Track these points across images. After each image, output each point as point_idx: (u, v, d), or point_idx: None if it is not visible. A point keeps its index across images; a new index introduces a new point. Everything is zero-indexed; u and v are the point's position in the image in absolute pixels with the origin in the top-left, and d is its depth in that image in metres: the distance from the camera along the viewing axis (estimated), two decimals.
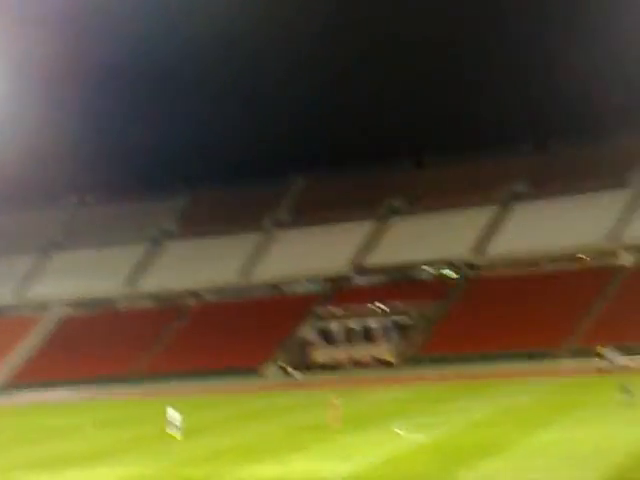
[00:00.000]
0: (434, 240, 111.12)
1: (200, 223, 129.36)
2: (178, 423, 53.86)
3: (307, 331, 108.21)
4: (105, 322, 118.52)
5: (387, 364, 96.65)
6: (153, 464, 45.31)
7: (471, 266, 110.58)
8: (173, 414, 54.24)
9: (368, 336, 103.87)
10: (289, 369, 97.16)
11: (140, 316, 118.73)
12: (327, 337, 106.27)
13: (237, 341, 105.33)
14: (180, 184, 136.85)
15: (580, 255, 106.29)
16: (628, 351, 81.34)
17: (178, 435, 53.38)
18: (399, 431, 50.13)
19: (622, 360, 78.96)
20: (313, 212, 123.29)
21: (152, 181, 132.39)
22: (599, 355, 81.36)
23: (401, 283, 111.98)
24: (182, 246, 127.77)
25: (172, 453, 48.54)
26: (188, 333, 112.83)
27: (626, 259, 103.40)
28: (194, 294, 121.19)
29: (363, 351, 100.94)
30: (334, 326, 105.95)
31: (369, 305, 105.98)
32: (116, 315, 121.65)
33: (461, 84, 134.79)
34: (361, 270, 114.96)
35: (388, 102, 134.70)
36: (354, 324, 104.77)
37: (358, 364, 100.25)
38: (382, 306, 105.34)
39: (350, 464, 40.69)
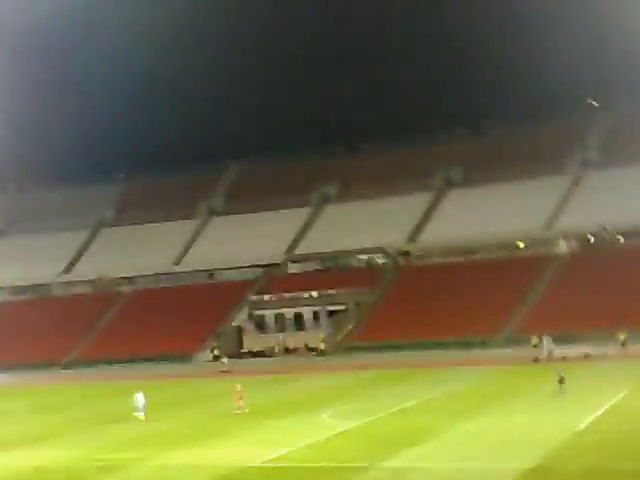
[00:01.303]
0: (368, 227, 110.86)
1: (136, 210, 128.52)
2: (141, 405, 54.18)
3: (240, 318, 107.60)
4: (40, 308, 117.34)
5: (319, 352, 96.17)
6: (80, 449, 44.94)
7: (405, 253, 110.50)
8: (139, 397, 54.48)
9: (300, 324, 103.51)
10: (220, 356, 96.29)
11: (76, 302, 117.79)
12: (259, 324, 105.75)
13: (170, 327, 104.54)
14: (117, 171, 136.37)
15: (516, 242, 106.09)
16: (563, 340, 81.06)
17: (141, 416, 53.64)
18: (327, 418, 49.77)
19: (556, 349, 78.71)
20: (247, 199, 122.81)
21: (88, 168, 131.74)
22: (533, 344, 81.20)
23: (334, 271, 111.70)
24: (118, 233, 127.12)
25: (98, 438, 48.31)
26: (122, 319, 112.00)
27: (563, 247, 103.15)
28: (129, 280, 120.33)
29: (295, 339, 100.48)
30: (266, 313, 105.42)
31: (302, 293, 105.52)
32: (51, 301, 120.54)
33: (393, 70, 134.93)
34: (294, 257, 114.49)
35: (321, 88, 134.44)
36: (287, 312, 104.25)
37: (290, 351, 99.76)
38: (315, 294, 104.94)
39: (275, 450, 40.35)
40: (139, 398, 54.68)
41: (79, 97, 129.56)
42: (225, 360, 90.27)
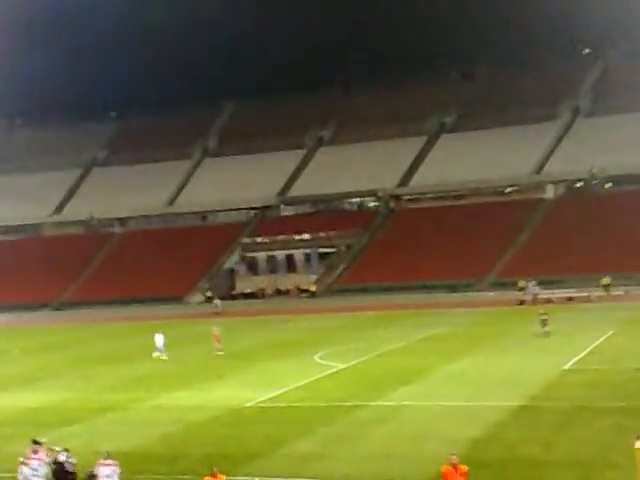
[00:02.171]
0: (361, 170, 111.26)
1: (129, 150, 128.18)
2: (161, 345, 55.08)
3: (232, 260, 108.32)
4: (31, 249, 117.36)
5: (310, 293, 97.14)
6: (75, 389, 45.65)
7: (396, 197, 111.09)
8: (158, 338, 55.39)
9: (292, 266, 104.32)
10: (212, 297, 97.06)
11: (67, 243, 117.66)
12: (252, 266, 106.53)
13: (162, 269, 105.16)
14: (109, 110, 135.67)
15: (505, 187, 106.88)
16: (548, 283, 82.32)
17: (163, 356, 54.57)
18: (319, 359, 50.72)
19: (541, 292, 79.98)
20: (241, 140, 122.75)
21: (81, 106, 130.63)
22: (520, 287, 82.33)
23: (327, 213, 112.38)
24: (110, 173, 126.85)
25: (93, 380, 48.93)
26: (114, 260, 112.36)
27: (551, 192, 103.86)
28: (121, 221, 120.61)
29: (287, 280, 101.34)
30: (259, 255, 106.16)
31: (294, 235, 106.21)
32: (42, 242, 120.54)
33: (390, 14, 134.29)
34: (287, 200, 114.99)
35: (317, 29, 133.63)
36: (278, 254, 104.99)
37: (282, 293, 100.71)
38: (307, 236, 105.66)
39: (269, 391, 41.24)
40: (159, 339, 55.41)
41: (72, 34, 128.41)
42: (217, 302, 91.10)
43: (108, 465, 25.09)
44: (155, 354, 55.09)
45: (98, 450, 26.33)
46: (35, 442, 26.85)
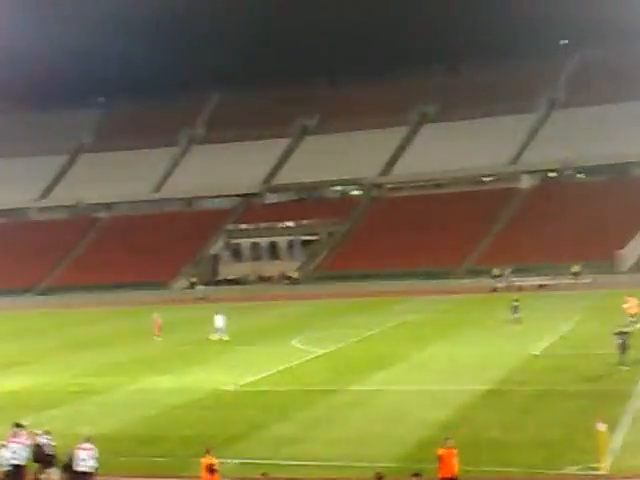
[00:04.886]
0: (343, 159, 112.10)
1: (117, 136, 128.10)
2: (222, 326, 55.31)
3: (216, 246, 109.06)
4: (16, 233, 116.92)
5: (292, 280, 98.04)
6: (57, 373, 46.23)
7: (378, 186, 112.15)
8: (219, 319, 55.57)
9: (275, 252, 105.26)
10: (196, 283, 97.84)
11: (52, 228, 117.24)
12: (236, 253, 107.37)
13: (147, 255, 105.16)
14: (98, 95, 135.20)
15: (484, 177, 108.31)
16: (521, 271, 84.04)
17: (224, 337, 54.85)
18: (298, 344, 51.73)
19: (515, 280, 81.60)
20: (228, 128, 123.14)
21: (69, 91, 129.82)
22: (495, 275, 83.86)
23: (310, 201, 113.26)
24: (98, 158, 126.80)
25: (77, 363, 49.66)
26: (99, 246, 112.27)
27: (526, 182, 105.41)
28: (107, 207, 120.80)
29: (270, 267, 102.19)
30: (243, 242, 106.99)
31: (278, 222, 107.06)
32: (28, 226, 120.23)
33: (373, 4, 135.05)
34: (272, 188, 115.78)
35: (304, 20, 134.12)
36: (262, 241, 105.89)
37: (265, 279, 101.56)
38: (290, 223, 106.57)
39: (248, 375, 42.20)
40: (219, 319, 55.66)
41: (61, 17, 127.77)
42: (201, 287, 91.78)
43: (84, 449, 25.16)
44: (215, 336, 55.28)
45: (79, 433, 26.48)
46: (17, 425, 26.76)
